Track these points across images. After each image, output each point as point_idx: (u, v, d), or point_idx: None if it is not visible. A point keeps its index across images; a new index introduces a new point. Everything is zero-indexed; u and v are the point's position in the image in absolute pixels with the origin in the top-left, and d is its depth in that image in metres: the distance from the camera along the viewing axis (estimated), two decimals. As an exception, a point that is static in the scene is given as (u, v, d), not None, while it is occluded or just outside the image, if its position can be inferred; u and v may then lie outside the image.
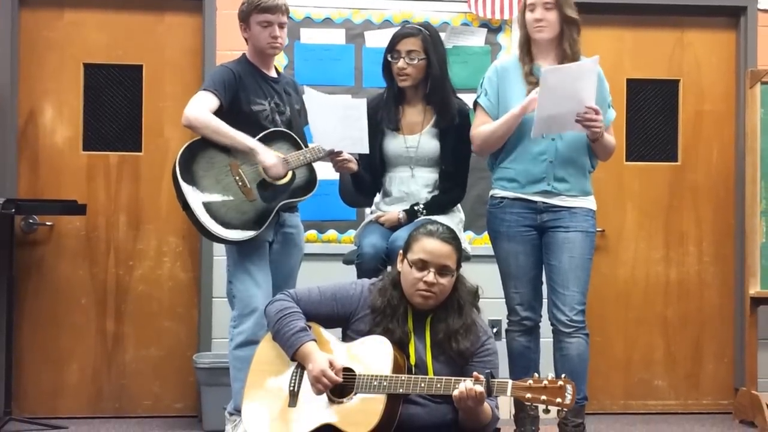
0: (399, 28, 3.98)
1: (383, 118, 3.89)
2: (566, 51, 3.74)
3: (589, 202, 3.83)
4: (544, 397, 2.85)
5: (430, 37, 3.83)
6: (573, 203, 3.77)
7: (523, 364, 3.79)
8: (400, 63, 3.81)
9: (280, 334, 3.09)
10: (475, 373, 2.92)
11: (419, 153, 3.87)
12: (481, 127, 3.79)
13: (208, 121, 3.73)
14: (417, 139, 3.87)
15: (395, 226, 3.82)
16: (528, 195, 3.77)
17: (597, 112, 3.60)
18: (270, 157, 3.75)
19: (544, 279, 3.86)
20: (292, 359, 3.08)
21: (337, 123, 3.76)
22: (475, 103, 3.87)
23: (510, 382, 2.90)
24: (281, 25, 3.90)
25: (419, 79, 3.85)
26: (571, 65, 3.65)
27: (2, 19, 4.92)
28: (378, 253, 3.67)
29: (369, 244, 3.70)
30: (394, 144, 3.89)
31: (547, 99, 3.54)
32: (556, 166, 3.75)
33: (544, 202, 3.76)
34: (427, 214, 3.80)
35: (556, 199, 3.76)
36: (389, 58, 3.85)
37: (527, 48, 3.81)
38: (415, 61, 3.81)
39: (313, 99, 3.85)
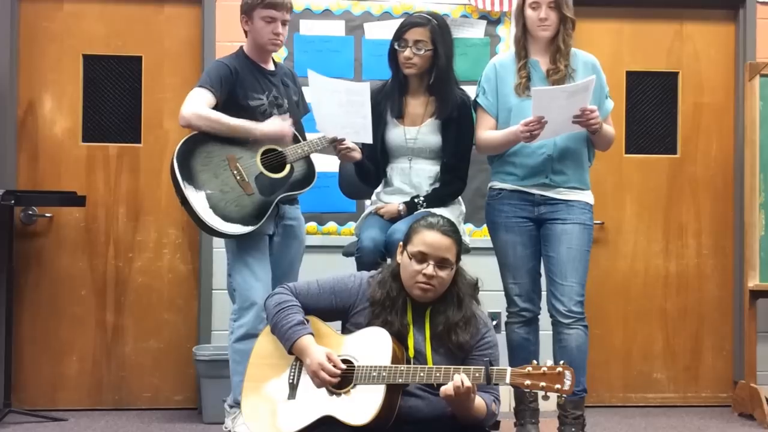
0: (408, 16, 3.94)
1: (386, 107, 3.88)
2: (560, 47, 3.77)
3: (587, 196, 3.85)
4: (543, 384, 2.85)
5: (438, 27, 3.81)
6: (570, 196, 3.79)
7: (522, 356, 3.80)
8: (407, 53, 3.78)
9: (277, 328, 3.09)
10: (463, 374, 2.91)
11: (418, 144, 3.86)
12: (486, 135, 3.82)
13: (204, 116, 3.71)
14: (417, 130, 3.86)
15: (395, 218, 3.81)
16: (526, 187, 3.79)
17: (592, 111, 3.61)
18: (271, 124, 3.73)
19: (542, 271, 3.87)
20: (290, 353, 3.07)
21: (340, 109, 3.75)
22: (475, 103, 3.89)
23: (509, 369, 2.90)
24: (284, 22, 3.88)
25: (424, 69, 3.83)
26: (565, 87, 3.65)
27: (2, 10, 4.92)
28: (377, 247, 3.66)
29: (368, 237, 3.69)
30: (395, 134, 3.88)
31: (540, 115, 3.56)
32: (555, 160, 3.76)
33: (542, 195, 3.78)
34: (427, 207, 3.79)
35: (553, 191, 3.78)
36: (396, 47, 3.83)
37: (523, 43, 3.82)
38: (422, 52, 3.78)
39: (316, 83, 3.82)
